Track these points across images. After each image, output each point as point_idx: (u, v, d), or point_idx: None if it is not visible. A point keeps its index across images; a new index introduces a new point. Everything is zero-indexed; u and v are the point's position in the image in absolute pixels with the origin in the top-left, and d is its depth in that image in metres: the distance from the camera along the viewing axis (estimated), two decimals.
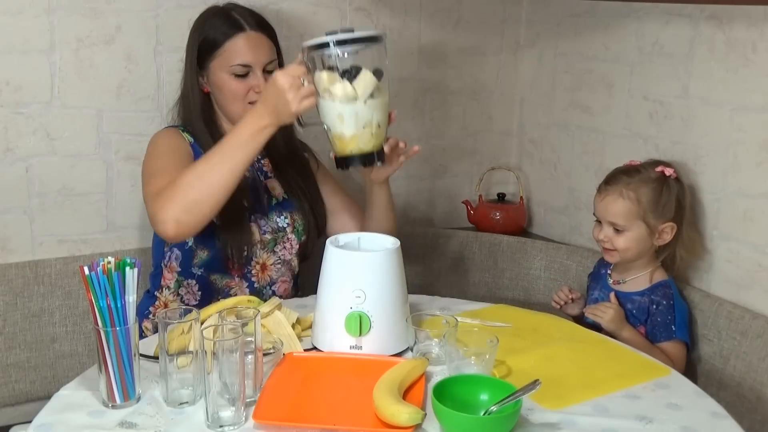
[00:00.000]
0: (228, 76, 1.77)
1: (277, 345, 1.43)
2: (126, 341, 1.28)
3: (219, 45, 1.77)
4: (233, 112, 1.80)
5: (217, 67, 1.78)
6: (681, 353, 1.79)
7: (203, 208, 1.59)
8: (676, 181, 1.83)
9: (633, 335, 1.77)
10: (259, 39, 1.79)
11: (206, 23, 1.81)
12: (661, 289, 1.81)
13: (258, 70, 1.77)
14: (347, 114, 1.55)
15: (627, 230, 1.79)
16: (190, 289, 1.84)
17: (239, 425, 1.24)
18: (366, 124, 1.56)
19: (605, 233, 1.82)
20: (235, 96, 1.78)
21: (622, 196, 1.79)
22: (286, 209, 1.88)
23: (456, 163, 2.53)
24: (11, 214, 1.98)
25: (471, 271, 2.33)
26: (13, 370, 1.94)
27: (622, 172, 1.84)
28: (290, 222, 1.87)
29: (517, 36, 2.51)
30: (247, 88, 1.77)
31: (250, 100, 1.78)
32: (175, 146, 1.79)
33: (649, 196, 1.78)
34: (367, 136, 1.57)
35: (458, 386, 1.29)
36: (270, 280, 1.87)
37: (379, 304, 1.47)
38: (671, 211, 1.80)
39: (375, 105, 1.56)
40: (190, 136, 1.83)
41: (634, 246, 1.80)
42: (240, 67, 1.76)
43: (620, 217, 1.79)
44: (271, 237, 1.84)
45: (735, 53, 1.80)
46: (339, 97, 1.54)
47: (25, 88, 1.93)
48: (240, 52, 1.76)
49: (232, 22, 1.78)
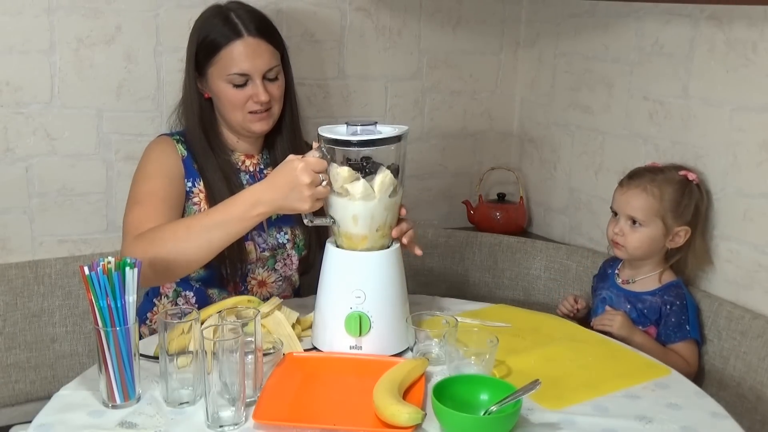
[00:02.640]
0: (226, 85, 1.70)
1: (277, 345, 1.43)
2: (126, 341, 1.28)
3: (216, 51, 1.69)
4: (233, 121, 1.74)
5: (215, 74, 1.70)
6: (695, 352, 1.79)
7: (170, 273, 1.55)
8: (698, 188, 1.84)
9: (645, 339, 1.77)
10: (259, 46, 1.69)
11: (205, 24, 1.73)
12: (673, 289, 1.82)
13: (257, 78, 1.69)
14: (362, 215, 1.46)
15: (644, 226, 1.80)
16: (187, 300, 1.80)
17: (239, 425, 1.24)
18: (380, 227, 1.48)
19: (620, 227, 1.82)
20: (234, 105, 1.71)
21: (645, 191, 1.80)
22: (286, 224, 1.81)
23: (456, 163, 2.53)
24: (11, 214, 1.98)
25: (471, 271, 2.33)
26: (13, 370, 1.94)
27: (646, 170, 1.86)
28: (290, 238, 1.81)
29: (517, 36, 2.51)
30: (246, 97, 1.70)
31: (249, 110, 1.71)
32: (167, 169, 1.70)
33: (671, 195, 1.80)
34: (377, 237, 1.49)
35: (458, 386, 1.29)
36: (269, 294, 1.81)
37: (379, 304, 1.47)
38: (689, 214, 1.81)
39: (390, 205, 1.48)
40: (184, 147, 1.75)
41: (646, 245, 1.80)
42: (237, 76, 1.68)
43: (641, 212, 1.79)
44: (270, 254, 1.79)
45: (735, 53, 1.80)
46: (357, 196, 1.45)
47: (25, 88, 1.93)
48: (237, 61, 1.68)
49: (231, 26, 1.69)
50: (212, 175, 1.73)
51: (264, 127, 1.75)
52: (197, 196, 1.73)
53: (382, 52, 2.32)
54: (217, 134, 1.79)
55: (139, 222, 1.60)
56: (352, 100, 2.32)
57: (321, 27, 2.22)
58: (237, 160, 1.80)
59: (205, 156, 1.74)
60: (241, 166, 1.81)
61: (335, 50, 2.26)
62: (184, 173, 1.73)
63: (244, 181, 1.79)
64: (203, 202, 1.73)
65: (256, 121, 1.73)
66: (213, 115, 1.79)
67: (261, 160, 1.84)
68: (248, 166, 1.81)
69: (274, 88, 1.74)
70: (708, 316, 1.84)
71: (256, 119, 1.73)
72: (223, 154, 1.77)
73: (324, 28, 2.22)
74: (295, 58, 2.19)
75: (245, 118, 1.73)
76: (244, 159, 1.81)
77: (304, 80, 2.23)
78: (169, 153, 1.73)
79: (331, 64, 2.26)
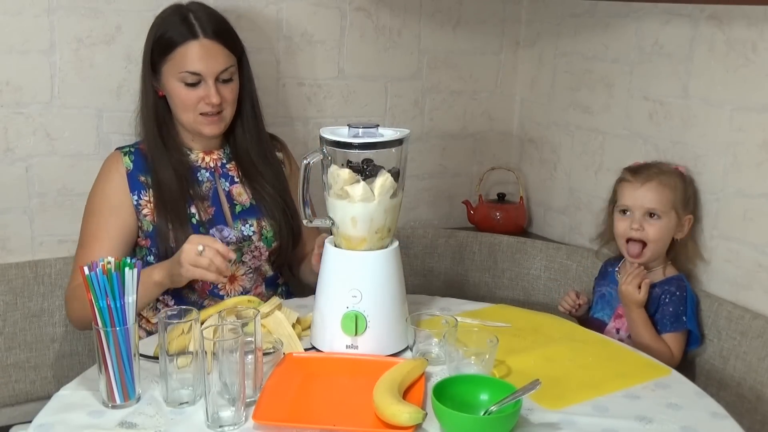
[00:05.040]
0: (178, 83, 1.70)
1: (277, 345, 1.43)
2: (126, 341, 1.28)
3: (171, 49, 1.70)
4: (184, 121, 1.75)
5: (169, 71, 1.71)
6: (681, 344, 1.80)
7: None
8: (690, 179, 1.89)
9: (644, 319, 1.79)
10: (213, 48, 1.70)
11: (163, 22, 1.74)
12: (674, 281, 1.83)
13: (210, 79, 1.69)
14: (361, 218, 1.46)
15: (662, 218, 1.81)
16: (166, 305, 1.79)
17: (239, 425, 1.24)
18: (379, 229, 1.48)
19: (638, 222, 1.82)
20: (185, 105, 1.72)
21: (661, 184, 1.82)
22: (252, 216, 1.81)
23: (456, 163, 2.53)
24: (11, 214, 1.98)
25: (471, 271, 2.33)
26: (13, 370, 1.94)
27: (648, 165, 1.89)
28: (257, 230, 1.80)
29: (517, 36, 2.51)
30: (197, 98, 1.70)
31: (201, 111, 1.72)
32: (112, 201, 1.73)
33: (680, 186, 1.84)
34: (376, 239, 1.49)
35: (458, 386, 1.29)
36: (243, 289, 1.81)
37: (376, 303, 1.47)
38: (692, 204, 1.86)
39: (390, 207, 1.48)
40: (131, 159, 1.75)
41: (665, 236, 1.83)
42: (190, 74, 1.69)
43: (660, 204, 1.81)
44: (236, 247, 1.76)
45: (735, 53, 1.80)
46: (357, 198, 1.46)
47: (25, 88, 1.93)
48: (191, 60, 1.69)
49: (188, 26, 1.70)
50: (164, 174, 1.74)
51: (215, 130, 1.76)
52: (146, 207, 1.74)
53: (382, 52, 2.32)
54: (171, 133, 1.79)
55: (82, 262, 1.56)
56: (352, 100, 2.32)
57: (321, 27, 2.22)
58: (196, 158, 1.81)
59: (158, 154, 1.74)
60: (201, 162, 1.81)
61: (335, 50, 2.26)
62: (129, 191, 1.74)
63: (203, 178, 1.80)
64: (152, 212, 1.73)
65: (207, 124, 1.75)
66: (168, 113, 1.79)
67: (223, 155, 1.84)
68: (208, 162, 1.82)
69: (227, 91, 1.74)
70: (708, 316, 1.84)
71: (206, 122, 1.74)
72: (177, 153, 1.78)
73: (324, 28, 2.22)
74: (295, 58, 2.20)
75: (196, 120, 1.73)
76: (203, 156, 1.82)
77: (304, 80, 2.23)
78: (112, 178, 1.76)
79: (331, 64, 2.26)
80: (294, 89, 2.23)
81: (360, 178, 1.46)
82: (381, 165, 1.48)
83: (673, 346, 1.78)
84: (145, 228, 1.74)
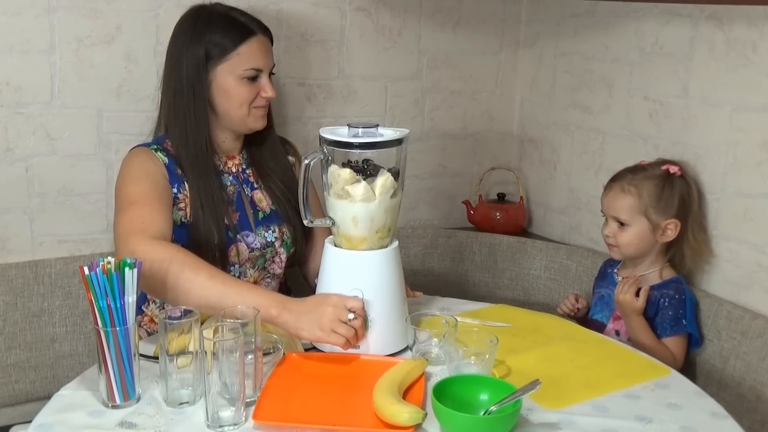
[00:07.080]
0: (238, 81, 1.72)
1: (277, 345, 1.43)
2: (126, 341, 1.28)
3: (229, 50, 1.71)
4: (236, 116, 1.75)
5: (225, 71, 1.71)
6: (683, 347, 1.80)
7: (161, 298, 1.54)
8: (681, 179, 1.85)
9: (644, 326, 1.78)
10: (267, 43, 1.77)
11: (209, 27, 1.72)
12: (672, 284, 1.83)
13: (266, 73, 1.75)
14: (362, 217, 1.47)
15: (630, 225, 1.82)
16: None
17: (239, 425, 1.24)
18: (379, 228, 1.49)
19: (610, 229, 1.86)
20: (243, 101, 1.73)
21: (623, 191, 1.83)
22: (273, 222, 1.81)
23: (456, 163, 2.53)
24: (11, 214, 1.98)
25: (471, 271, 2.33)
26: (13, 370, 1.94)
27: (628, 170, 1.89)
28: (278, 236, 1.81)
29: (517, 36, 2.51)
30: (255, 92, 1.74)
31: (255, 105, 1.75)
32: (152, 173, 1.68)
33: (650, 191, 1.81)
34: (376, 238, 1.50)
35: (458, 386, 1.29)
36: None
37: (376, 303, 1.47)
38: (674, 207, 1.82)
39: (390, 207, 1.49)
40: (164, 155, 1.72)
41: (635, 242, 1.82)
42: (253, 71, 1.72)
43: (622, 212, 1.82)
44: (260, 254, 1.78)
45: (735, 53, 1.80)
46: (357, 198, 1.46)
47: (25, 88, 1.93)
48: (253, 57, 1.72)
49: (240, 26, 1.73)
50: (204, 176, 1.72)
51: (264, 122, 1.80)
52: (183, 201, 1.72)
53: (382, 52, 2.32)
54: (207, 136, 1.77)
55: (139, 219, 1.57)
56: (352, 100, 2.32)
57: (321, 27, 2.22)
58: (219, 162, 1.81)
59: (197, 157, 1.72)
60: (224, 168, 1.81)
61: (335, 50, 2.26)
62: (168, 178, 1.71)
63: (227, 182, 1.80)
64: (188, 207, 1.72)
65: (260, 117, 1.78)
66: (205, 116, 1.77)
67: (242, 160, 1.85)
68: (230, 167, 1.82)
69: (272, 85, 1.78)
70: (708, 316, 1.84)
71: (259, 115, 1.77)
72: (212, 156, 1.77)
73: (324, 28, 2.22)
74: (295, 58, 2.20)
75: (251, 113, 1.75)
76: (227, 160, 1.82)
77: (304, 80, 2.23)
78: (150, 162, 1.71)
79: (331, 64, 2.26)
80: (294, 89, 2.23)
81: (360, 177, 1.47)
82: (381, 165, 1.49)
83: (674, 349, 1.78)
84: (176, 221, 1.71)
